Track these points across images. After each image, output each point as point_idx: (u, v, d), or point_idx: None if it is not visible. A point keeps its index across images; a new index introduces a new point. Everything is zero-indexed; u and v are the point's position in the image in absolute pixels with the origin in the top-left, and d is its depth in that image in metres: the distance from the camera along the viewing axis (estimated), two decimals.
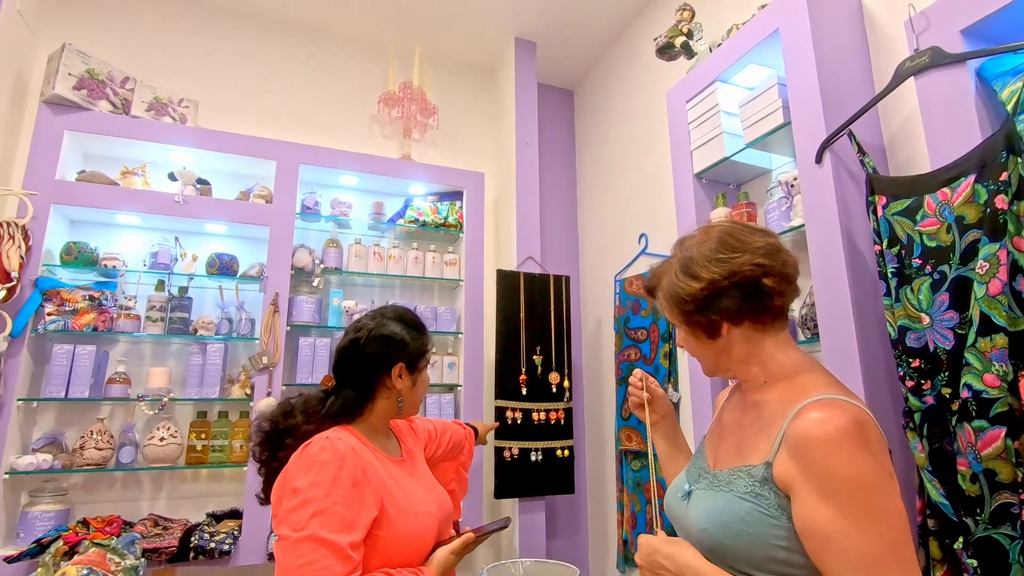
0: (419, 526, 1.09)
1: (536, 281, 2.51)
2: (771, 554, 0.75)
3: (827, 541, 0.70)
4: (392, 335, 1.20)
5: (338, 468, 1.01)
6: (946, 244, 1.09)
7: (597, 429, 2.73)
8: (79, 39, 2.29)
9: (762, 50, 1.64)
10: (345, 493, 1.00)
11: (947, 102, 1.14)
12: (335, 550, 0.95)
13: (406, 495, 1.11)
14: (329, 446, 1.04)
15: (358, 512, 1.00)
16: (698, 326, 0.89)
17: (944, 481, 1.05)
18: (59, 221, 2.09)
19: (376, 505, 1.03)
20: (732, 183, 1.93)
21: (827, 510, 0.70)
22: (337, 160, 2.44)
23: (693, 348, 0.94)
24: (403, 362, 1.19)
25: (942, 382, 1.07)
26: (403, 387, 1.20)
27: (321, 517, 0.96)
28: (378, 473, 1.08)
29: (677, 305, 0.90)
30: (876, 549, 0.68)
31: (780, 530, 0.75)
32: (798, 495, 0.74)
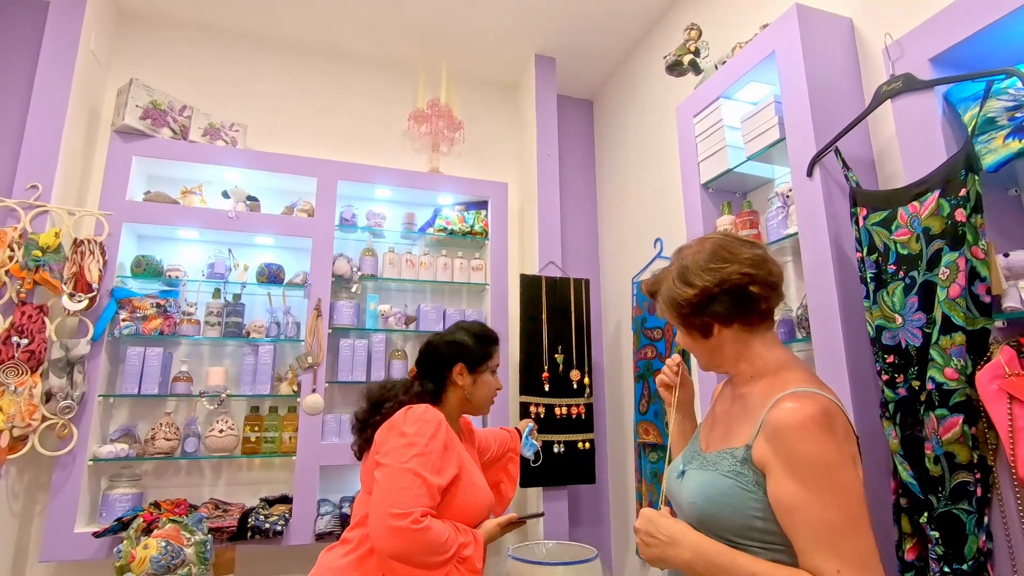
0: (479, 499, 1.35)
1: (557, 284, 2.67)
2: (749, 523, 0.88)
3: (793, 512, 0.83)
4: (457, 340, 1.49)
5: (436, 427, 1.28)
6: (915, 252, 1.21)
7: (618, 423, 2.88)
8: (143, 72, 2.55)
9: (761, 69, 1.77)
10: (439, 448, 1.26)
11: (918, 123, 1.26)
12: (427, 484, 1.20)
13: (474, 471, 1.39)
14: (432, 411, 1.33)
15: (446, 465, 1.27)
16: (693, 327, 1.02)
17: (914, 464, 1.17)
18: (129, 237, 2.35)
19: (456, 467, 1.29)
20: (738, 192, 2.06)
21: (794, 486, 0.83)
22: (372, 175, 2.65)
23: (690, 346, 1.06)
24: (463, 362, 1.46)
25: (912, 376, 1.20)
26: (465, 384, 1.46)
27: (421, 458, 1.22)
28: (457, 446, 1.35)
29: (674, 309, 1.03)
30: (834, 519, 0.81)
31: (757, 503, 0.88)
32: (771, 473, 0.86)
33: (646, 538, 0.96)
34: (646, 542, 0.96)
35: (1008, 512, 1.03)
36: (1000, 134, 1.11)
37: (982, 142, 1.13)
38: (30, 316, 1.97)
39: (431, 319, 2.63)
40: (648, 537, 0.96)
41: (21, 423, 1.89)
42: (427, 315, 2.63)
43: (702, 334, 1.02)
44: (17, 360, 1.92)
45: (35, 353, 1.95)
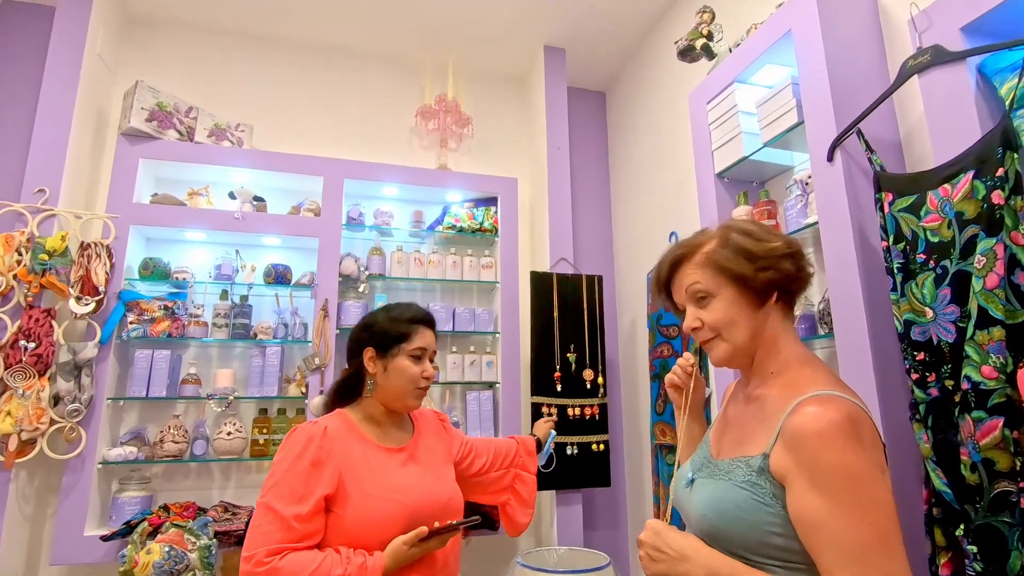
0: (378, 510, 1.14)
1: (569, 281, 2.59)
2: (766, 540, 0.80)
3: (817, 529, 0.75)
4: (367, 320, 1.30)
5: (303, 447, 1.13)
6: (947, 239, 1.11)
7: (634, 424, 2.79)
8: (147, 74, 2.55)
9: (777, 50, 1.67)
10: (303, 470, 1.11)
11: (949, 99, 1.16)
12: (278, 518, 1.06)
13: (375, 480, 1.17)
14: (304, 428, 1.18)
15: (312, 487, 1.10)
16: (754, 288, 0.90)
17: (948, 471, 1.07)
18: (137, 239, 2.34)
19: (332, 484, 1.12)
20: (755, 181, 1.96)
21: (818, 500, 0.75)
22: (378, 173, 2.61)
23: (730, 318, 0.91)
24: (372, 346, 1.27)
25: (945, 374, 1.10)
26: (375, 372, 1.27)
27: (277, 489, 1.10)
28: (350, 456, 1.17)
29: (746, 260, 0.90)
30: (864, 536, 0.72)
31: (774, 517, 0.80)
32: (792, 486, 0.78)
33: (652, 552, 0.88)
34: (652, 557, 0.88)
35: None
36: None
37: (1021, 116, 1.03)
38: (37, 320, 1.97)
39: (440, 318, 2.56)
40: (655, 551, 0.87)
41: (29, 427, 1.89)
42: (436, 314, 2.54)
43: (760, 299, 0.91)
44: (25, 364, 1.92)
45: (43, 357, 1.95)
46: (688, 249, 0.97)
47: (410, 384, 1.27)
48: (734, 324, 0.91)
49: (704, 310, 0.93)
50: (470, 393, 2.56)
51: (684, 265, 0.97)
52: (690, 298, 0.95)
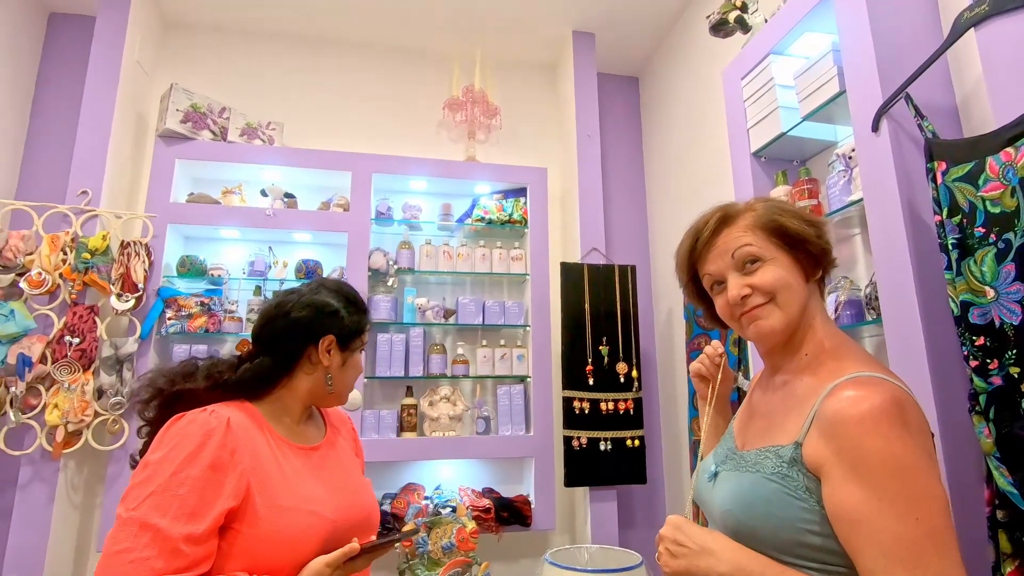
0: (294, 525, 0.91)
1: (600, 272, 2.51)
2: (800, 539, 0.73)
3: (858, 525, 0.67)
4: (326, 304, 1.07)
5: (199, 445, 0.87)
6: (1010, 209, 0.99)
7: (672, 419, 2.69)
8: (184, 76, 2.62)
9: (817, 16, 1.55)
10: (199, 475, 0.85)
11: (1012, 52, 1.03)
12: (159, 540, 0.80)
13: (290, 488, 0.95)
14: (200, 419, 0.90)
15: (210, 499, 0.85)
16: (812, 255, 0.84)
17: (1014, 469, 0.96)
18: (175, 237, 2.41)
19: (237, 495, 0.87)
20: (795, 160, 1.83)
21: (859, 492, 0.67)
22: (406, 167, 2.60)
23: (788, 287, 0.83)
24: (334, 335, 1.05)
25: (1010, 361, 0.98)
26: (333, 364, 1.05)
27: (158, 498, 0.82)
28: (258, 457, 0.93)
29: (805, 226, 0.84)
30: (912, 535, 0.65)
31: (809, 513, 0.72)
32: (829, 477, 0.71)
33: (672, 547, 0.82)
34: (672, 552, 0.81)
35: None
36: None
37: None
38: (81, 316, 2.05)
39: (470, 311, 2.55)
40: (675, 546, 0.81)
41: (75, 419, 1.97)
42: (465, 308, 2.55)
43: (811, 271, 0.85)
44: (70, 358, 2.00)
45: (86, 351, 2.03)
46: (733, 211, 0.88)
47: (356, 379, 1.12)
48: (790, 288, 0.83)
49: (754, 276, 0.83)
50: (501, 387, 2.52)
51: (732, 226, 0.86)
52: (737, 263, 0.85)
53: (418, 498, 2.26)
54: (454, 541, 1.94)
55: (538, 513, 2.36)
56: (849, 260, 1.66)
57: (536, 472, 2.41)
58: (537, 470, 2.41)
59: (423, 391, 2.49)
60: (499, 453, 2.43)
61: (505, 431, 2.46)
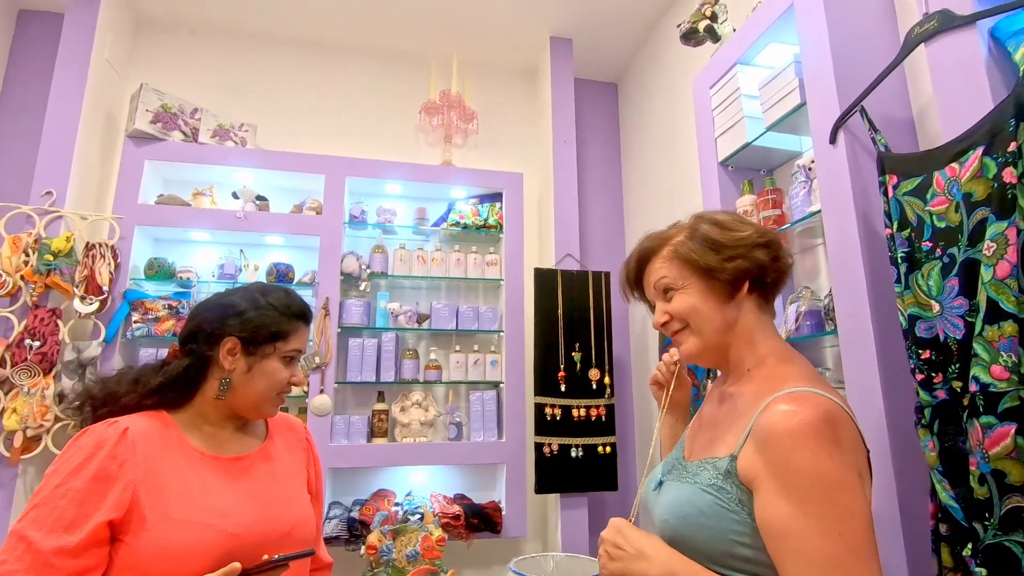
0: (184, 538, 0.87)
1: (574, 278, 2.51)
2: (731, 550, 0.74)
3: (784, 538, 0.68)
4: (232, 305, 1.01)
5: (87, 457, 0.85)
6: (955, 224, 0.99)
7: (645, 426, 2.69)
8: (156, 76, 2.59)
9: (780, 27, 1.56)
10: (82, 486, 0.83)
11: (957, 68, 1.04)
12: (30, 554, 0.79)
13: (189, 500, 0.91)
14: (96, 430, 0.89)
15: (89, 511, 0.83)
16: (721, 279, 0.85)
17: (956, 483, 0.96)
18: (143, 239, 2.38)
19: (120, 507, 0.85)
20: (762, 169, 1.84)
21: (786, 506, 0.68)
22: (380, 170, 2.58)
23: (699, 312, 0.86)
24: (236, 336, 0.98)
25: (953, 375, 0.98)
26: (234, 369, 0.98)
27: (39, 511, 0.82)
28: (156, 468, 0.90)
29: (714, 250, 0.85)
30: (835, 550, 0.66)
31: (740, 526, 0.73)
32: (760, 490, 0.72)
33: (611, 549, 0.83)
34: (611, 554, 0.83)
35: None
36: None
37: None
38: (43, 319, 2.01)
39: (443, 317, 2.53)
40: (614, 548, 0.82)
41: (34, 423, 1.93)
42: (439, 312, 2.53)
43: (728, 291, 0.85)
44: (30, 362, 1.97)
45: (47, 355, 1.99)
46: (656, 242, 0.93)
47: (274, 391, 1.02)
48: (700, 314, 0.86)
49: (670, 304, 0.89)
50: (474, 393, 2.51)
51: (653, 259, 0.93)
52: (658, 293, 0.92)
53: (388, 504, 2.24)
54: (419, 549, 1.92)
55: (509, 520, 2.35)
56: (812, 270, 1.67)
57: (507, 478, 2.40)
58: (509, 476, 2.40)
59: (395, 396, 2.47)
60: (471, 459, 2.42)
61: (477, 437, 2.45)
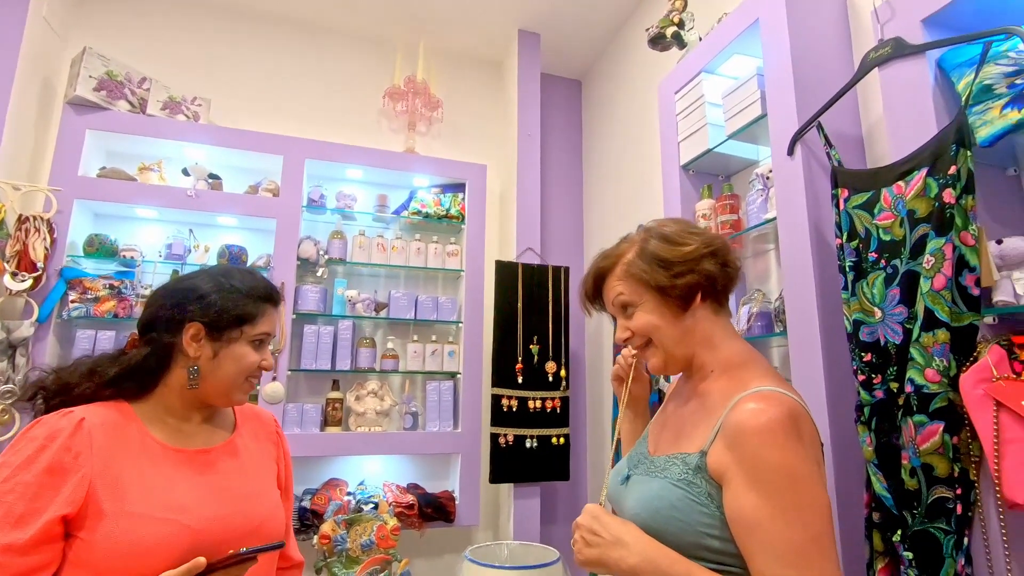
0: (144, 533, 0.83)
1: (535, 272, 2.54)
2: (701, 542, 0.77)
3: (753, 529, 0.72)
4: (193, 288, 0.97)
5: (39, 448, 0.82)
6: (899, 238, 1.08)
7: (597, 418, 2.77)
8: (102, 42, 2.43)
9: (745, 40, 1.63)
10: (34, 479, 0.80)
11: (907, 93, 1.13)
12: None
13: (149, 494, 0.86)
14: (50, 420, 0.85)
15: (41, 506, 0.79)
16: (674, 295, 0.88)
17: (889, 475, 1.05)
18: (83, 215, 2.24)
19: (74, 501, 0.81)
20: (721, 175, 1.92)
21: (755, 499, 0.72)
22: (342, 154, 2.52)
23: (656, 327, 0.89)
24: (200, 322, 0.94)
25: (891, 377, 1.07)
26: (200, 356, 0.94)
27: None
28: (114, 460, 0.86)
29: (663, 268, 0.88)
30: (800, 539, 0.70)
31: (710, 518, 0.77)
32: (730, 484, 0.76)
33: (588, 536, 0.84)
34: (588, 540, 0.84)
35: (990, 534, 0.91)
36: (997, 104, 0.97)
37: (977, 113, 1.00)
38: None
39: (402, 306, 2.51)
40: (591, 535, 0.84)
41: None
42: (398, 301, 2.51)
43: (682, 305, 0.89)
44: None
45: None
46: (610, 260, 0.96)
47: (242, 375, 0.98)
48: (659, 329, 0.90)
49: (631, 320, 0.92)
50: (430, 383, 2.51)
51: (608, 277, 0.96)
52: (617, 309, 0.95)
53: (340, 494, 2.21)
54: (374, 539, 1.91)
55: (462, 509, 2.37)
56: (764, 273, 1.76)
57: (462, 468, 2.41)
58: (463, 466, 2.42)
59: (350, 385, 2.44)
60: (426, 449, 2.42)
61: (433, 427, 2.45)
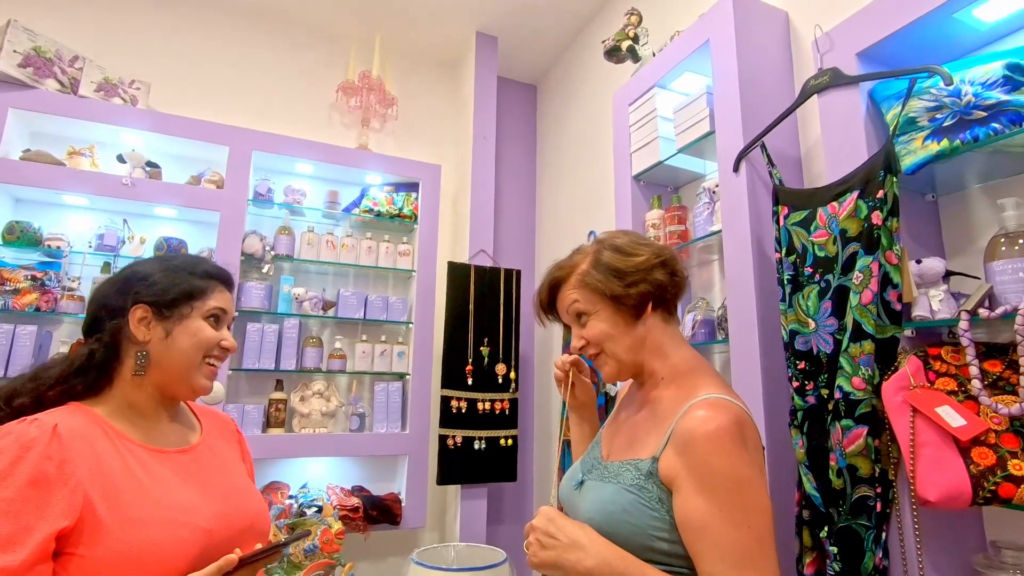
0: (157, 539, 0.78)
1: (487, 274, 2.56)
2: (650, 544, 0.80)
3: (701, 531, 0.75)
4: (134, 273, 0.92)
5: (12, 461, 0.73)
6: (832, 255, 1.16)
7: (545, 420, 2.81)
8: (28, 14, 2.26)
9: (696, 59, 1.70)
10: (14, 496, 0.71)
11: (842, 120, 1.21)
12: None
13: (149, 498, 0.81)
14: (16, 430, 0.76)
15: (30, 522, 0.71)
16: (627, 305, 0.91)
17: (818, 476, 1.13)
18: (3, 199, 2.08)
19: (71, 513, 0.74)
20: (670, 186, 1.99)
21: (704, 503, 0.76)
22: (291, 148, 2.45)
23: (609, 336, 0.92)
24: (145, 302, 0.89)
25: (822, 384, 1.15)
26: (151, 338, 0.89)
27: None
28: (101, 466, 0.79)
29: (617, 278, 0.91)
30: (745, 541, 0.74)
31: (659, 522, 0.80)
32: (680, 489, 0.78)
33: (544, 538, 0.85)
34: (543, 543, 0.84)
35: (904, 529, 0.99)
36: (920, 135, 1.06)
37: (902, 142, 1.09)
38: None
39: (351, 305, 2.47)
40: (547, 538, 0.84)
41: None
42: (347, 300, 2.47)
43: (635, 314, 0.92)
44: None
45: None
46: (564, 271, 0.99)
47: (201, 352, 0.92)
48: (613, 339, 0.93)
49: (585, 329, 0.95)
50: (379, 384, 2.48)
51: (563, 288, 0.99)
52: (572, 317, 0.98)
53: (281, 497, 2.15)
54: (317, 543, 1.87)
55: (408, 511, 2.35)
56: (708, 283, 1.84)
57: (409, 470, 2.40)
58: (410, 468, 2.40)
59: (295, 386, 2.38)
60: (373, 451, 2.39)
61: (380, 428, 2.42)
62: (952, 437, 0.91)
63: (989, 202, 1.13)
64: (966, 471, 0.89)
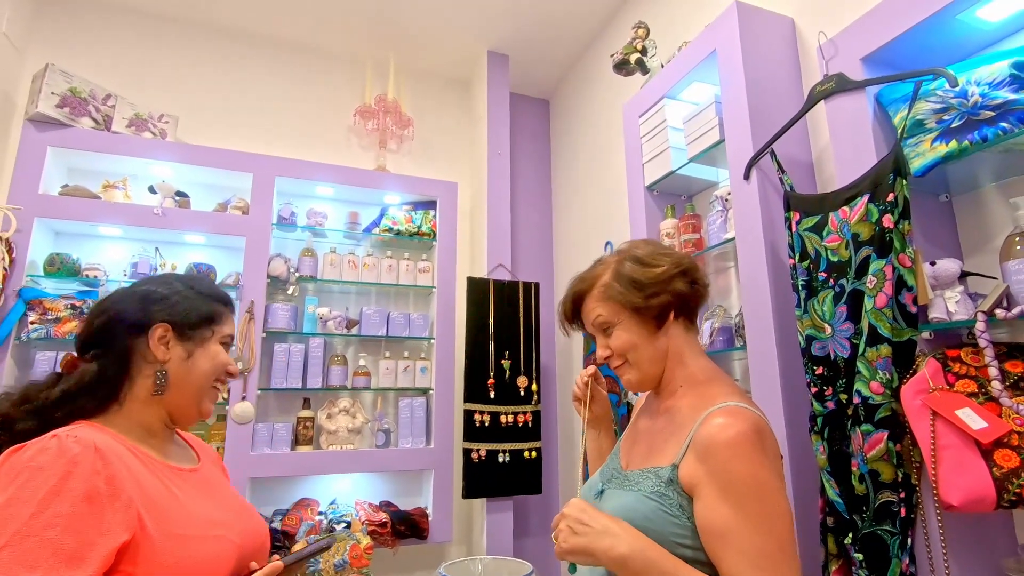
0: (200, 554, 0.79)
1: (505, 287, 2.59)
2: (672, 551, 0.80)
3: (725, 537, 0.76)
4: (150, 292, 0.92)
5: (62, 477, 0.71)
6: (845, 259, 1.16)
7: (568, 431, 2.81)
8: (64, 57, 2.39)
9: (704, 69, 1.72)
10: (71, 511, 0.69)
11: (850, 125, 1.22)
12: None
13: (187, 514, 0.82)
14: (54, 446, 0.73)
15: (91, 537, 0.69)
16: (649, 314, 0.93)
17: (841, 482, 1.12)
18: (44, 233, 2.19)
19: (129, 527, 0.73)
20: (683, 195, 2.00)
21: (727, 508, 0.76)
22: (312, 172, 2.53)
23: (632, 346, 0.94)
24: (167, 322, 0.89)
25: (841, 388, 1.14)
26: (171, 358, 0.89)
27: (17, 548, 0.65)
28: (141, 482, 0.79)
29: (637, 289, 0.93)
30: (768, 546, 0.75)
31: (680, 528, 0.81)
32: (701, 495, 0.79)
33: (575, 525, 0.84)
34: (575, 530, 0.84)
35: (931, 534, 0.98)
36: (928, 137, 1.06)
37: (911, 145, 1.09)
38: None
39: (373, 323, 2.52)
40: (578, 524, 0.84)
41: None
42: (369, 318, 2.52)
43: (657, 323, 0.94)
44: None
45: None
46: (587, 283, 1.01)
47: (213, 377, 0.93)
48: (636, 348, 0.94)
49: (610, 339, 0.97)
50: (403, 399, 2.52)
51: (586, 299, 1.01)
52: (597, 329, 0.99)
53: (311, 514, 2.20)
54: (347, 558, 1.91)
55: (435, 525, 2.37)
56: (725, 290, 1.84)
57: (435, 484, 2.42)
58: (436, 482, 2.43)
59: (321, 403, 2.43)
60: (398, 466, 2.42)
61: (405, 444, 2.46)
62: (974, 440, 0.91)
63: (1004, 200, 1.12)
64: (989, 474, 0.88)
